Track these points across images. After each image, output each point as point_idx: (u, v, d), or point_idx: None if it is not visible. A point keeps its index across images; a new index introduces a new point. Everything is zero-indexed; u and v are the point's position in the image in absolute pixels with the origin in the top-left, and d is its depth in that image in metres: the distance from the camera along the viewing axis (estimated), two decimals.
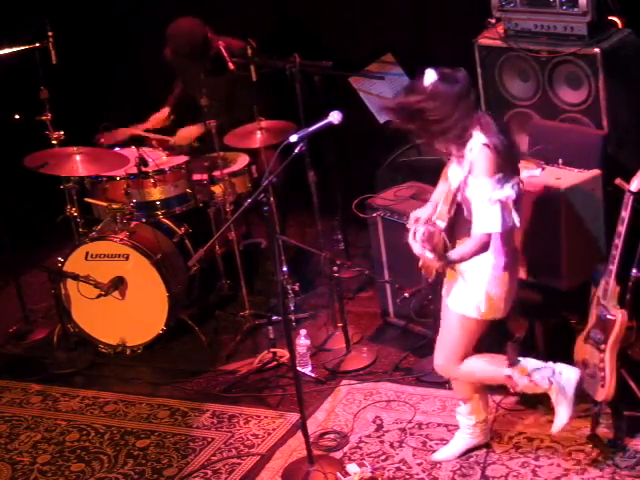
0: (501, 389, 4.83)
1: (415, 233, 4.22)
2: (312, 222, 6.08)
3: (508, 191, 4.16)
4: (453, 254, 4.25)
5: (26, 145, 5.87)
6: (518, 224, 4.25)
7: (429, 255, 4.18)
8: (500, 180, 4.14)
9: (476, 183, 4.17)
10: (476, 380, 4.55)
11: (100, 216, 6.06)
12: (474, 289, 4.33)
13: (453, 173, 4.33)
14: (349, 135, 5.80)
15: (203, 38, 6.13)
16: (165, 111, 6.51)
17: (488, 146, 4.14)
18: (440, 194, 4.43)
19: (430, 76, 4.14)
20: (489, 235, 4.19)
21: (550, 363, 4.46)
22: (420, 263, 4.40)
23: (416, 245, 4.22)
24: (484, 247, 4.21)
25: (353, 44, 6.90)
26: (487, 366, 4.48)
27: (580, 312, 4.67)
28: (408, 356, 5.51)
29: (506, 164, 4.18)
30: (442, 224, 4.28)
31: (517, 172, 4.27)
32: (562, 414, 4.42)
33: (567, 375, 4.42)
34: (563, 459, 4.56)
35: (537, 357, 4.55)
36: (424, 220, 4.36)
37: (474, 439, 4.68)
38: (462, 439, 4.69)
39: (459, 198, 4.27)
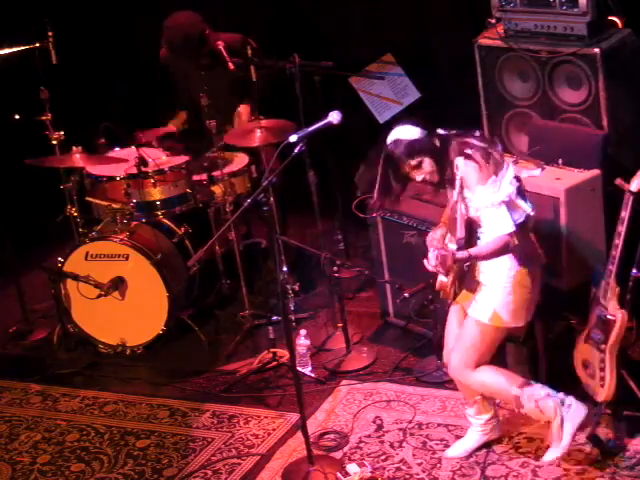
0: None
1: (429, 258, 4.20)
2: (312, 222, 6.08)
3: (506, 188, 4.16)
4: (473, 249, 4.21)
5: (26, 145, 5.87)
6: (532, 211, 4.23)
7: (443, 279, 4.23)
8: (495, 182, 4.14)
9: (475, 196, 4.18)
10: (484, 391, 4.53)
11: (100, 216, 6.06)
12: (492, 295, 4.32)
13: (450, 196, 4.34)
14: (349, 135, 5.80)
15: (199, 33, 6.09)
16: (183, 115, 6.43)
17: (469, 157, 4.16)
18: (446, 218, 4.45)
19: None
20: (508, 236, 4.16)
21: (561, 394, 4.43)
22: (437, 285, 4.41)
23: (431, 269, 4.21)
24: (504, 248, 4.19)
25: (353, 44, 6.90)
26: (499, 380, 4.46)
27: (580, 312, 4.67)
28: (408, 356, 5.51)
29: (491, 163, 4.17)
30: (453, 247, 4.22)
31: (503, 164, 4.22)
32: (558, 446, 4.42)
33: (575, 410, 4.40)
34: (563, 459, 4.55)
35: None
36: (438, 239, 4.36)
37: (486, 435, 4.68)
38: (475, 435, 4.69)
39: (463, 213, 4.23)
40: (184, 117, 6.44)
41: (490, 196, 4.14)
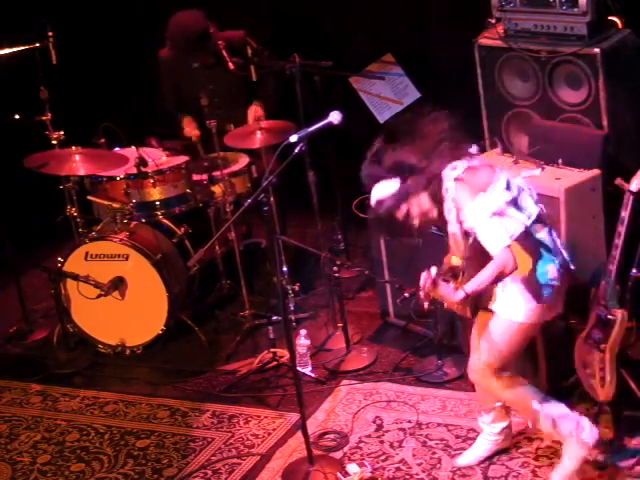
0: None
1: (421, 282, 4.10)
2: (312, 222, 6.08)
3: (495, 199, 4.05)
4: (468, 285, 4.08)
5: (26, 145, 5.87)
6: (533, 216, 4.12)
7: (425, 305, 4.12)
8: (482, 196, 4.05)
9: (467, 214, 4.08)
10: (502, 398, 4.44)
11: (100, 216, 6.06)
12: (513, 291, 4.20)
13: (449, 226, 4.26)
14: (349, 135, 5.81)
15: (201, 30, 6.07)
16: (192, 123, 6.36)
17: (458, 179, 4.10)
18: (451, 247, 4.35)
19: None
20: (506, 250, 4.02)
21: (576, 414, 4.36)
22: (445, 305, 4.29)
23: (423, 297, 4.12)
24: (507, 264, 4.02)
25: (353, 44, 6.90)
26: (520, 390, 4.36)
27: (580, 312, 4.66)
28: (408, 356, 5.51)
29: (477, 178, 4.10)
30: (434, 270, 4.09)
31: (493, 176, 4.12)
32: (567, 465, 4.34)
33: (588, 434, 4.32)
34: None
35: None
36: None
37: (497, 445, 4.64)
38: (486, 444, 4.63)
39: (461, 235, 4.18)
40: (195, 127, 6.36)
41: (479, 210, 4.04)
